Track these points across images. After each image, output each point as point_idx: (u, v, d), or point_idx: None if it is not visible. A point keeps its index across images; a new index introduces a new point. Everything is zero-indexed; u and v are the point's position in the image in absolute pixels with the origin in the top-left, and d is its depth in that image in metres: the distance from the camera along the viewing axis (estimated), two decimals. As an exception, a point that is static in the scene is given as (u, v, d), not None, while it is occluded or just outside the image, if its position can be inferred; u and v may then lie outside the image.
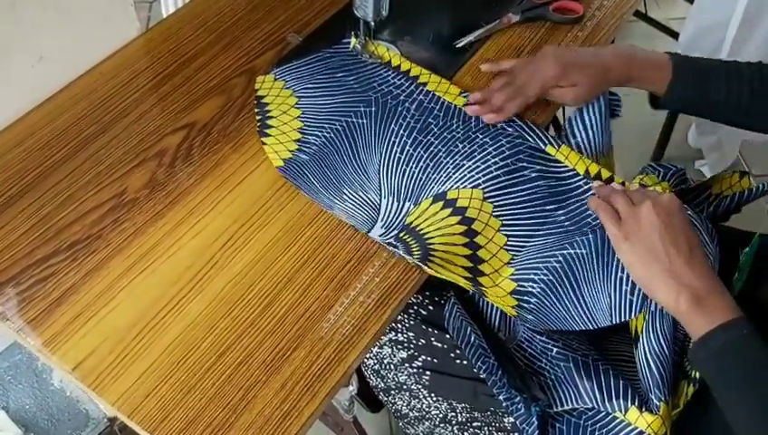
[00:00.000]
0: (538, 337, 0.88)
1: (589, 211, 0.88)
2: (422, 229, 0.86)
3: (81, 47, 1.02)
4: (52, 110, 0.98)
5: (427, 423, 1.02)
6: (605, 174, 0.91)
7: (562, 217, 0.89)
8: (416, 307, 0.96)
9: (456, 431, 0.98)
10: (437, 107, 0.98)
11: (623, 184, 0.90)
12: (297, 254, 0.85)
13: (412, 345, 0.96)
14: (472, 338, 0.88)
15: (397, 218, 0.89)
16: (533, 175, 0.91)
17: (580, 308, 0.83)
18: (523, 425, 0.85)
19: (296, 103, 0.99)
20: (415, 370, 0.97)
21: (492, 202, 0.88)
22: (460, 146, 0.93)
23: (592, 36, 1.10)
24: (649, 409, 0.78)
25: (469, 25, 1.07)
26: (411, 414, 1.03)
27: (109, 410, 1.32)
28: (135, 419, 0.73)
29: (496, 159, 0.91)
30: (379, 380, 1.05)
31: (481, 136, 0.93)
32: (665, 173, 0.92)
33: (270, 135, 0.96)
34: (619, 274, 0.81)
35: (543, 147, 0.93)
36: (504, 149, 0.92)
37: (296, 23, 1.11)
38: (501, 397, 0.86)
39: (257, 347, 0.78)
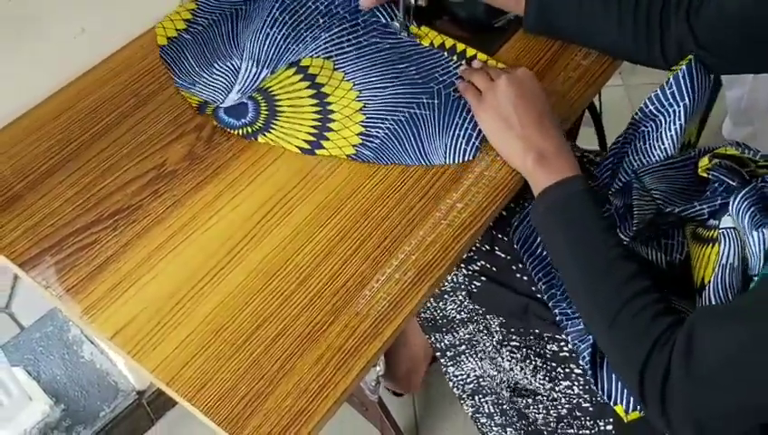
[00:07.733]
0: None
1: (438, 67, 0.99)
2: (273, 91, 0.96)
3: (122, 20, 1.03)
4: (93, 81, 0.99)
5: (471, 326, 1.02)
6: (459, 47, 1.01)
7: (413, 72, 0.98)
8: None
9: (494, 343, 0.98)
10: None
11: (475, 56, 0.99)
12: (334, 229, 0.86)
13: (474, 248, 0.97)
14: (539, 250, 0.91)
15: (253, 83, 0.99)
16: (387, 46, 1.01)
17: (417, 151, 0.92)
18: (576, 342, 0.86)
19: None
20: (470, 272, 0.98)
21: (342, 71, 0.98)
22: (321, 20, 1.01)
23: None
24: None
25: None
26: (458, 317, 1.03)
27: (138, 383, 1.34)
28: (173, 386, 0.74)
29: (350, 37, 1.01)
30: None
31: (341, 12, 1.02)
32: (754, 153, 0.90)
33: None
34: (457, 131, 0.92)
35: (395, 24, 1.03)
36: (358, 28, 1.02)
37: None
38: (556, 311, 0.87)
39: (294, 320, 0.79)
